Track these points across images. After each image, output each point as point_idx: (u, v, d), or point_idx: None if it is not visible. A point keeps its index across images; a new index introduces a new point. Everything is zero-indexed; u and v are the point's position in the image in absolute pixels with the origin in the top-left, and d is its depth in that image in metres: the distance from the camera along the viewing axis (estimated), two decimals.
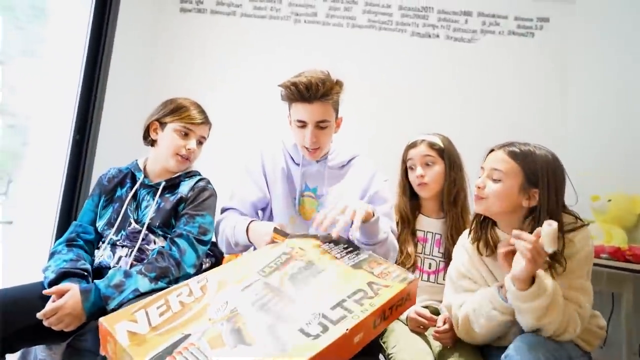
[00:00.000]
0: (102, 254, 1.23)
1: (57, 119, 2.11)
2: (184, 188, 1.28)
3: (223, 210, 1.36)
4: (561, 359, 0.93)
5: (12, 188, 2.03)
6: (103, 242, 1.26)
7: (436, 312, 1.29)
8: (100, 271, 1.19)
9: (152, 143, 1.33)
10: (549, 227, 0.91)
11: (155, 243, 1.23)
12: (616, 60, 2.28)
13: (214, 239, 1.33)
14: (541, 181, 1.06)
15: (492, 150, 1.14)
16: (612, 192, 2.01)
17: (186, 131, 1.28)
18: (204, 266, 1.33)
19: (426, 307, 1.30)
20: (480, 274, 1.14)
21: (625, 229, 1.95)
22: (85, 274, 1.15)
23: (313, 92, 1.17)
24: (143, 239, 1.22)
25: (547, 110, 2.53)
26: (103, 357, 0.90)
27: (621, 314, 1.92)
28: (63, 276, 1.11)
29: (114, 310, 1.03)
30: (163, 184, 1.28)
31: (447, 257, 1.37)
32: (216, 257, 1.43)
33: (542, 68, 2.56)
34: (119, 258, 1.21)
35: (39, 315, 1.00)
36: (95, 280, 1.09)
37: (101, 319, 0.79)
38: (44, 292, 1.04)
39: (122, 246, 1.23)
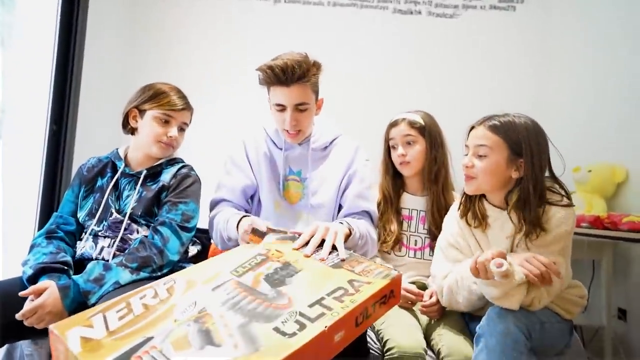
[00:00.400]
0: (84, 245, 1.21)
1: (32, 111, 2.05)
2: (166, 176, 1.26)
3: (213, 204, 1.34)
4: (532, 325, 0.96)
5: None
6: (85, 233, 1.24)
7: (423, 287, 1.31)
8: (82, 263, 1.17)
9: (132, 131, 1.29)
10: (497, 268, 0.92)
11: (138, 232, 1.21)
12: (596, 33, 2.29)
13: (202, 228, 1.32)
14: (525, 150, 1.06)
15: (472, 127, 1.14)
16: (592, 163, 2.05)
17: (167, 118, 1.24)
18: (190, 254, 1.32)
19: (413, 282, 1.32)
20: (469, 245, 1.16)
21: (605, 198, 2.00)
22: (65, 267, 1.13)
23: (289, 74, 1.16)
24: (125, 229, 1.20)
25: (528, 84, 2.54)
26: None
27: (601, 280, 1.99)
28: (41, 272, 1.09)
29: (95, 304, 1.01)
30: (144, 172, 1.25)
31: (431, 234, 1.39)
32: (203, 245, 1.42)
33: (524, 41, 2.56)
34: (102, 249, 1.19)
35: (18, 316, 0.98)
36: (73, 276, 1.07)
37: (51, 326, 0.72)
38: (20, 294, 1.01)
39: (105, 237, 1.21)
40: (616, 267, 2.00)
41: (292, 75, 1.16)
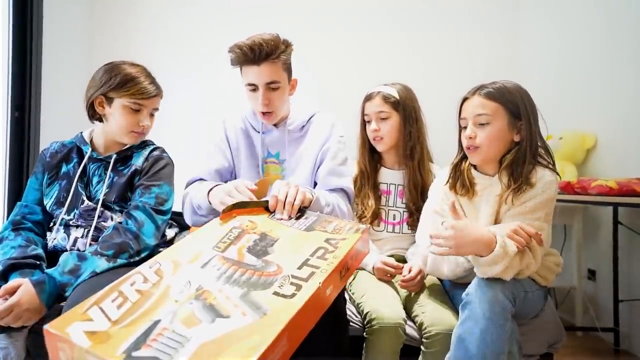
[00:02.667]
0: (56, 237, 1.17)
1: None
2: (139, 159, 1.22)
3: (188, 183, 1.34)
4: (517, 293, 0.99)
5: None
6: (54, 224, 1.19)
7: (402, 260, 1.33)
8: (56, 254, 1.13)
9: (100, 118, 1.22)
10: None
11: (112, 220, 1.17)
12: (567, 2, 2.30)
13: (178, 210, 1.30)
14: (522, 111, 1.08)
15: (465, 99, 1.13)
16: (563, 130, 2.10)
17: (137, 107, 1.18)
18: (168, 237, 1.30)
19: (392, 255, 1.34)
20: None
21: (575, 165, 2.05)
22: (37, 262, 1.08)
23: (257, 52, 1.17)
24: (99, 217, 1.16)
25: (500, 55, 2.56)
26: None
27: (572, 243, 2.07)
28: (12, 268, 1.03)
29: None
30: (114, 156, 1.21)
31: (409, 209, 1.39)
32: (181, 227, 1.40)
33: (494, 11, 2.57)
34: (75, 240, 1.15)
35: None
36: (47, 269, 1.03)
37: (46, 326, 0.69)
38: None
39: (77, 226, 1.17)
40: (586, 230, 2.08)
41: (260, 52, 1.17)
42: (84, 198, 1.18)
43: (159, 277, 0.81)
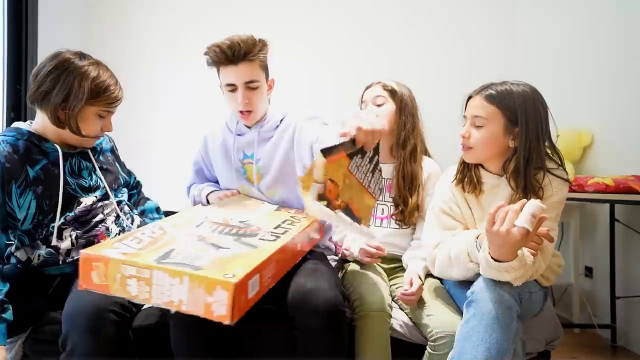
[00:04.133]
0: (40, 253, 1.07)
1: None
2: (104, 145, 1.28)
3: (188, 187, 1.49)
4: (523, 294, 0.99)
5: None
6: (31, 238, 1.07)
7: (396, 259, 1.35)
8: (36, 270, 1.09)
9: (61, 124, 1.08)
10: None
11: (120, 208, 1.22)
12: (561, 1, 2.31)
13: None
14: (520, 119, 1.06)
15: (470, 97, 1.13)
16: (560, 128, 2.10)
17: (106, 114, 1.14)
18: None
19: (384, 257, 1.33)
20: (462, 211, 1.16)
21: (572, 162, 2.06)
22: (2, 314, 0.95)
23: (236, 51, 1.18)
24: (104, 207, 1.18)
25: (495, 53, 2.56)
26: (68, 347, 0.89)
27: (569, 241, 2.08)
28: None
29: None
30: (88, 150, 1.19)
31: (395, 202, 1.39)
32: None
33: (489, 7, 2.57)
34: (68, 251, 1.08)
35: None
36: None
37: (83, 251, 0.81)
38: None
39: (60, 237, 1.08)
40: (583, 227, 2.09)
41: (239, 52, 1.18)
42: (81, 199, 1.13)
43: (163, 231, 0.95)
